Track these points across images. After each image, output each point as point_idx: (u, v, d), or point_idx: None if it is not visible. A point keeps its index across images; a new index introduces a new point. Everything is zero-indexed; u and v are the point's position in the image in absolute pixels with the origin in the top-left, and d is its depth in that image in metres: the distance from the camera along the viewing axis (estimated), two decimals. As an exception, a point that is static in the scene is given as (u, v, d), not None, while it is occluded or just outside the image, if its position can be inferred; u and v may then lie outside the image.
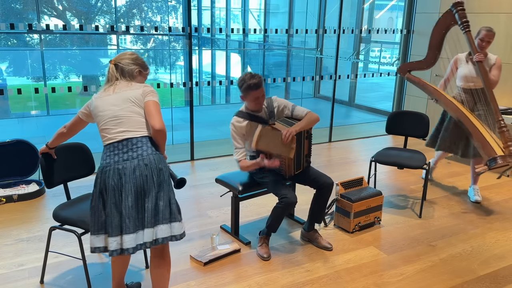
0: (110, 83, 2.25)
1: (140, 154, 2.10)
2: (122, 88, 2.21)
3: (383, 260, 3.01)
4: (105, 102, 2.18)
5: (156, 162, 2.12)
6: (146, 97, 2.19)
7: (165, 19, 14.70)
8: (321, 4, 9.30)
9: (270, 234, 3.09)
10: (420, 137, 4.03)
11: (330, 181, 3.05)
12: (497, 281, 2.80)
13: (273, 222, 2.99)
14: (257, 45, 12.64)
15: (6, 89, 5.14)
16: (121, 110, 2.16)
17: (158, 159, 2.14)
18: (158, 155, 2.16)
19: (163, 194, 2.12)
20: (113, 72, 2.26)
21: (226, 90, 13.52)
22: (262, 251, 3.01)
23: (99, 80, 14.09)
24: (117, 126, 2.14)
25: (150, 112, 2.16)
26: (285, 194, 2.84)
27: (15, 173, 3.97)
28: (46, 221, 3.43)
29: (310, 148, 3.09)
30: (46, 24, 4.31)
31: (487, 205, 3.96)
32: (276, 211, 2.92)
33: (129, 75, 2.27)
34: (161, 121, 2.14)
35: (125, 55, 2.30)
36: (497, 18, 5.08)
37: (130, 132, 2.14)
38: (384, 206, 3.72)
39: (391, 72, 7.10)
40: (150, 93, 2.21)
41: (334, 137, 6.05)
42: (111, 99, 2.18)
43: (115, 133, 2.14)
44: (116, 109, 2.16)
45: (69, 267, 2.82)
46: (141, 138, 2.15)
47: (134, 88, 2.22)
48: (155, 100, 2.19)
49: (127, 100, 2.17)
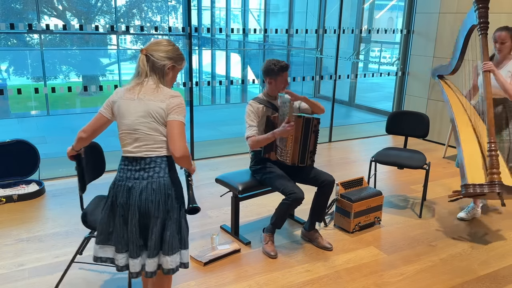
0: (138, 80, 2.01)
1: (151, 175, 1.97)
2: (147, 94, 1.97)
3: (383, 260, 3.01)
4: (127, 107, 1.98)
5: (166, 187, 1.98)
6: (169, 115, 1.96)
7: (165, 19, 14.71)
8: (321, 4, 9.30)
9: (275, 231, 3.11)
10: (420, 137, 4.03)
11: (332, 178, 3.05)
12: (497, 281, 2.80)
13: (279, 218, 3.00)
14: (257, 45, 12.65)
15: (6, 89, 5.14)
16: (140, 124, 1.96)
17: (168, 183, 1.99)
18: (170, 179, 2.00)
19: (171, 223, 2.00)
20: (143, 66, 2.00)
21: (226, 90, 13.53)
22: (269, 249, 3.02)
23: (99, 80, 14.10)
24: (134, 141, 1.98)
25: (172, 136, 1.95)
26: (293, 189, 2.86)
27: (15, 173, 3.97)
28: (46, 221, 3.44)
29: (315, 145, 3.09)
30: (46, 24, 4.31)
31: (487, 205, 3.96)
32: (282, 207, 2.93)
33: (159, 71, 2.01)
34: (182, 147, 1.94)
35: (160, 46, 2.02)
36: (497, 18, 5.08)
37: (145, 151, 1.98)
38: (384, 206, 3.72)
39: (391, 72, 7.10)
40: (175, 109, 1.96)
41: (334, 137, 6.05)
42: (134, 106, 1.97)
43: (131, 148, 1.99)
44: (136, 122, 1.96)
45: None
46: (156, 158, 1.99)
47: (160, 96, 1.97)
48: (179, 120, 1.96)
49: (148, 114, 1.95)
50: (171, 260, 2.00)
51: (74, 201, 3.75)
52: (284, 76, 2.99)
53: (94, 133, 2.11)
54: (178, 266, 2.05)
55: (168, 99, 1.97)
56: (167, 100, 1.97)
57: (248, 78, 13.00)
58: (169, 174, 2.02)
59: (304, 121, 2.97)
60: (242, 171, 3.28)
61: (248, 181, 3.12)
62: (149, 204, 1.96)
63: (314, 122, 3.02)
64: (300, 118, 2.96)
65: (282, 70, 2.96)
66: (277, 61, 2.98)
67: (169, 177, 2.01)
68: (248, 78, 12.82)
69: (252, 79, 6.14)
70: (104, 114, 2.05)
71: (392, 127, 4.10)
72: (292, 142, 2.96)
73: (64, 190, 4.03)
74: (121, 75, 12.28)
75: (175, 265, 2.03)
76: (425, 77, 6.14)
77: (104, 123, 2.08)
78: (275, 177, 2.98)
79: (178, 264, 2.05)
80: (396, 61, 6.70)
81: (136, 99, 1.98)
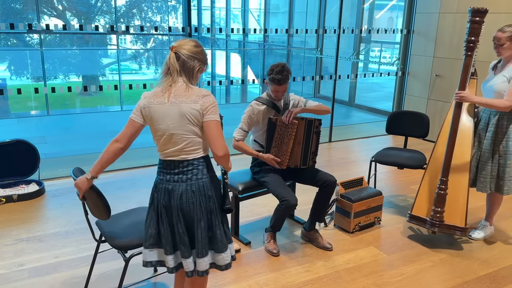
0: (168, 80, 1.95)
1: (189, 178, 1.96)
2: (179, 96, 1.93)
3: (383, 260, 3.01)
4: (160, 112, 1.94)
5: (205, 189, 1.98)
6: (205, 116, 1.93)
7: (165, 19, 14.70)
8: (321, 4, 9.30)
9: (276, 231, 3.13)
10: (420, 137, 4.03)
11: (333, 179, 3.05)
12: (497, 281, 2.80)
13: (276, 222, 3.03)
14: (257, 45, 12.64)
15: (6, 89, 5.14)
16: (175, 128, 1.93)
17: (208, 185, 1.99)
18: (209, 180, 2.00)
19: (218, 222, 2.02)
20: (174, 63, 1.94)
21: (226, 90, 13.52)
22: (271, 247, 3.04)
23: (99, 80, 14.10)
24: (171, 145, 1.96)
25: (211, 136, 1.93)
26: (285, 196, 2.85)
27: (15, 173, 3.97)
28: (46, 221, 3.43)
29: (317, 145, 3.09)
30: (46, 24, 4.31)
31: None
32: (278, 212, 2.96)
33: (188, 72, 1.97)
34: (223, 146, 1.94)
35: (188, 44, 1.98)
36: (497, 18, 5.08)
37: (183, 154, 1.96)
38: (384, 206, 3.72)
39: (391, 72, 7.10)
40: (211, 109, 1.93)
41: (334, 137, 6.05)
42: (166, 109, 1.93)
43: (168, 151, 1.97)
44: (171, 126, 1.93)
45: (70, 268, 2.82)
46: (193, 160, 1.97)
47: (192, 97, 1.93)
48: (216, 119, 1.94)
49: (183, 116, 1.92)
50: (226, 256, 2.05)
51: (74, 201, 3.74)
52: (275, 88, 2.93)
53: (130, 141, 2.04)
54: (231, 259, 2.10)
55: (201, 99, 1.93)
56: (200, 100, 1.93)
57: (248, 78, 13.00)
58: (208, 174, 2.01)
59: (306, 123, 2.97)
60: (242, 171, 3.28)
61: (248, 181, 3.12)
62: (190, 206, 1.96)
63: (315, 124, 3.01)
64: (302, 121, 2.96)
65: (274, 81, 2.90)
66: (278, 71, 2.88)
67: (208, 177, 2.01)
68: (248, 78, 12.82)
69: (252, 79, 6.14)
70: (136, 120, 2.01)
71: (392, 127, 4.10)
72: (294, 145, 2.97)
73: (64, 190, 4.03)
74: (121, 75, 12.27)
75: (230, 259, 2.08)
76: (425, 77, 6.14)
77: (137, 129, 2.03)
78: (271, 182, 2.99)
79: (230, 257, 2.09)
80: (396, 61, 6.70)
81: (167, 102, 1.93)
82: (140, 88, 4.74)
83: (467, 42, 2.96)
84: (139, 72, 14.66)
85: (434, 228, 3.10)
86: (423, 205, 3.23)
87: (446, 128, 3.22)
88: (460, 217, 3.11)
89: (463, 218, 3.10)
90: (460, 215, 3.11)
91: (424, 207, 3.22)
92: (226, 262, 2.06)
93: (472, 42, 2.93)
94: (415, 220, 3.21)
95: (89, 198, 2.21)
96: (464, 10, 5.49)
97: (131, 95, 11.79)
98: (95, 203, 2.21)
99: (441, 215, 3.08)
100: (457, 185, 3.13)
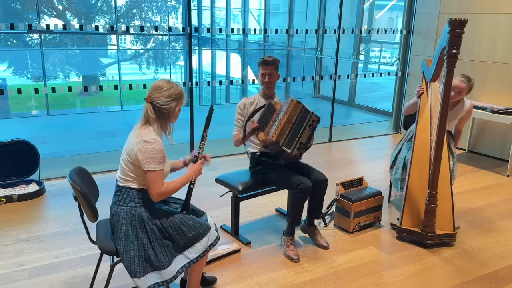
0: (144, 126, 2.14)
1: (119, 202, 2.20)
2: (137, 129, 2.17)
3: (383, 260, 3.01)
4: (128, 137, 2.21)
5: (130, 217, 2.15)
6: (142, 165, 2.10)
7: (165, 19, 14.70)
8: (321, 4, 9.30)
9: (294, 232, 3.06)
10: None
11: (323, 177, 3.05)
12: (497, 281, 2.80)
13: (295, 214, 2.97)
14: (257, 45, 12.64)
15: (6, 89, 5.14)
16: (122, 155, 2.18)
17: (134, 213, 2.16)
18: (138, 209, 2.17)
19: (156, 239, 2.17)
20: (152, 114, 2.13)
21: (226, 90, 13.52)
22: (291, 253, 2.97)
23: (99, 80, 14.10)
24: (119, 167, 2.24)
25: (146, 183, 2.15)
26: (299, 180, 2.85)
27: (15, 173, 3.97)
28: (46, 221, 3.44)
29: (309, 140, 2.92)
30: (46, 24, 4.31)
31: (486, 205, 3.96)
32: (296, 201, 2.91)
33: (166, 115, 2.17)
34: (155, 194, 2.13)
35: (162, 91, 2.13)
36: (497, 18, 5.08)
37: (119, 179, 2.22)
38: (384, 206, 3.72)
39: (391, 72, 7.10)
40: (145, 160, 2.08)
41: (334, 137, 6.05)
42: (129, 137, 2.20)
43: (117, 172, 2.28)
44: (122, 151, 2.19)
45: (70, 268, 2.82)
46: (123, 188, 2.19)
47: (138, 137, 2.11)
48: (149, 169, 2.09)
49: (126, 149, 2.16)
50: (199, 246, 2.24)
51: (74, 201, 3.73)
52: (260, 70, 3.02)
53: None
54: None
55: (141, 144, 2.08)
56: (139, 145, 2.08)
57: (248, 78, 13.00)
58: (142, 203, 2.18)
59: (302, 108, 2.87)
60: (242, 171, 3.29)
61: (248, 181, 3.12)
62: (122, 227, 2.14)
63: (312, 117, 2.90)
64: (299, 104, 2.87)
65: (262, 63, 3.01)
66: (267, 56, 3.04)
67: (140, 207, 2.17)
68: (248, 78, 12.81)
69: (252, 79, 6.14)
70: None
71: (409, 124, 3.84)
72: (284, 121, 2.81)
73: (64, 190, 4.03)
74: (121, 75, 12.27)
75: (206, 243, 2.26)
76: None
77: None
78: (278, 175, 2.97)
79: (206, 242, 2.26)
80: (396, 61, 6.70)
81: (133, 131, 2.17)
82: (140, 88, 4.73)
83: (448, 56, 2.79)
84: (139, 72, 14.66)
85: (426, 241, 3.13)
86: (410, 218, 3.25)
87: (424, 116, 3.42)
88: (449, 224, 3.18)
89: (451, 224, 3.18)
90: (448, 222, 3.19)
91: (412, 219, 3.25)
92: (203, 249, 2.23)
93: (453, 56, 2.78)
94: (406, 234, 3.21)
95: (79, 199, 2.25)
96: (464, 10, 5.49)
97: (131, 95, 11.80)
98: (83, 205, 2.25)
99: (432, 227, 3.12)
100: (441, 193, 3.17)
